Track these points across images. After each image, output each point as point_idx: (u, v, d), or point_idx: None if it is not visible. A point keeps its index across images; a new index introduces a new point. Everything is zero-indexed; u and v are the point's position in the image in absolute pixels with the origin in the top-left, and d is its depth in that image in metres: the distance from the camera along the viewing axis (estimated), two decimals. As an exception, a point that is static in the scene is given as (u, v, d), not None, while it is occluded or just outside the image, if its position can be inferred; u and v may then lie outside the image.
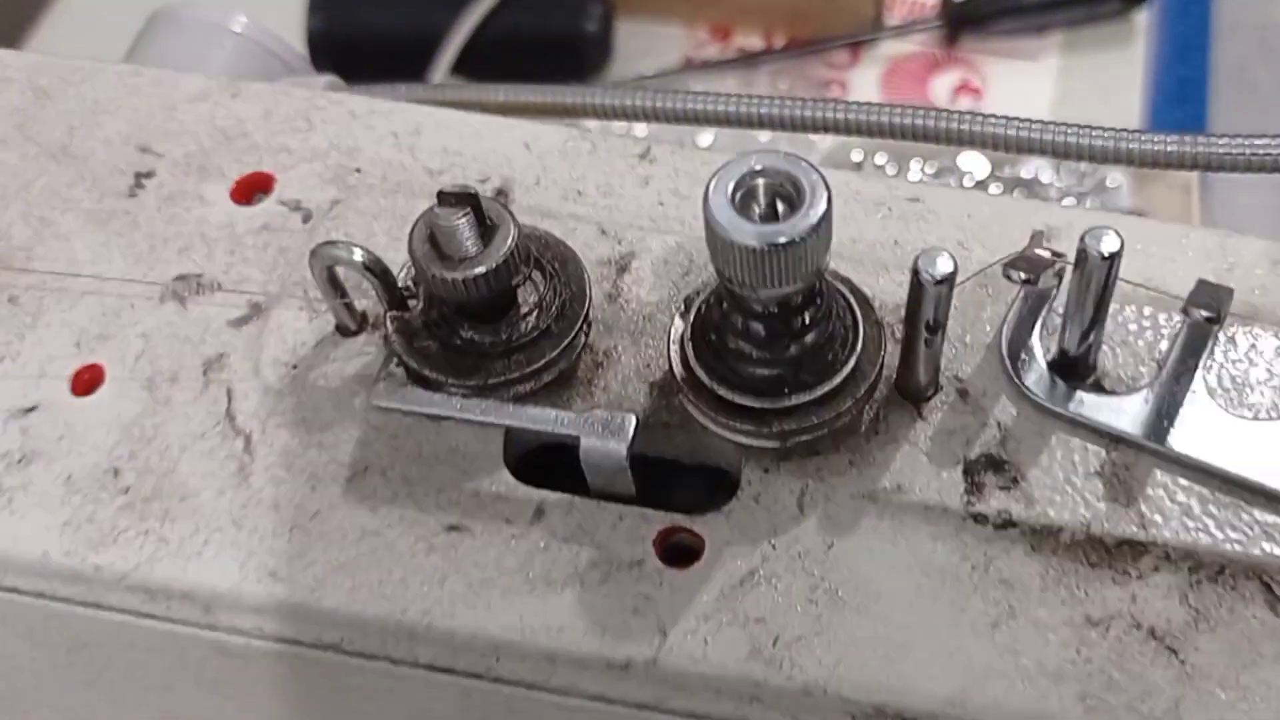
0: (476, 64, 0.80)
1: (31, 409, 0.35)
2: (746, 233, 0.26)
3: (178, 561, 0.32)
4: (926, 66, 0.82)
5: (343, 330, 0.35)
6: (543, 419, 0.31)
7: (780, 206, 0.27)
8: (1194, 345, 0.30)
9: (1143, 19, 0.82)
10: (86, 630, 0.34)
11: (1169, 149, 0.38)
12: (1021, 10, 0.82)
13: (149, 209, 0.39)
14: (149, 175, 0.40)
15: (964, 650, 0.29)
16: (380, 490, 0.33)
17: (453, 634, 0.31)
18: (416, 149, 0.40)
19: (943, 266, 0.28)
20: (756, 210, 0.27)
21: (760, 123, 0.51)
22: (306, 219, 0.38)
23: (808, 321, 0.29)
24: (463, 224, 0.30)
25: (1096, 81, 0.81)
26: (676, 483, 0.33)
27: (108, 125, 0.41)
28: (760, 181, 0.27)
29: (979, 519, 0.30)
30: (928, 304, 0.28)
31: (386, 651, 0.31)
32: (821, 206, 0.26)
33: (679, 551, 0.31)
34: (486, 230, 0.31)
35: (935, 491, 0.30)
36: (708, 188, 0.27)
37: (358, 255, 0.33)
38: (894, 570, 0.30)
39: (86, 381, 0.36)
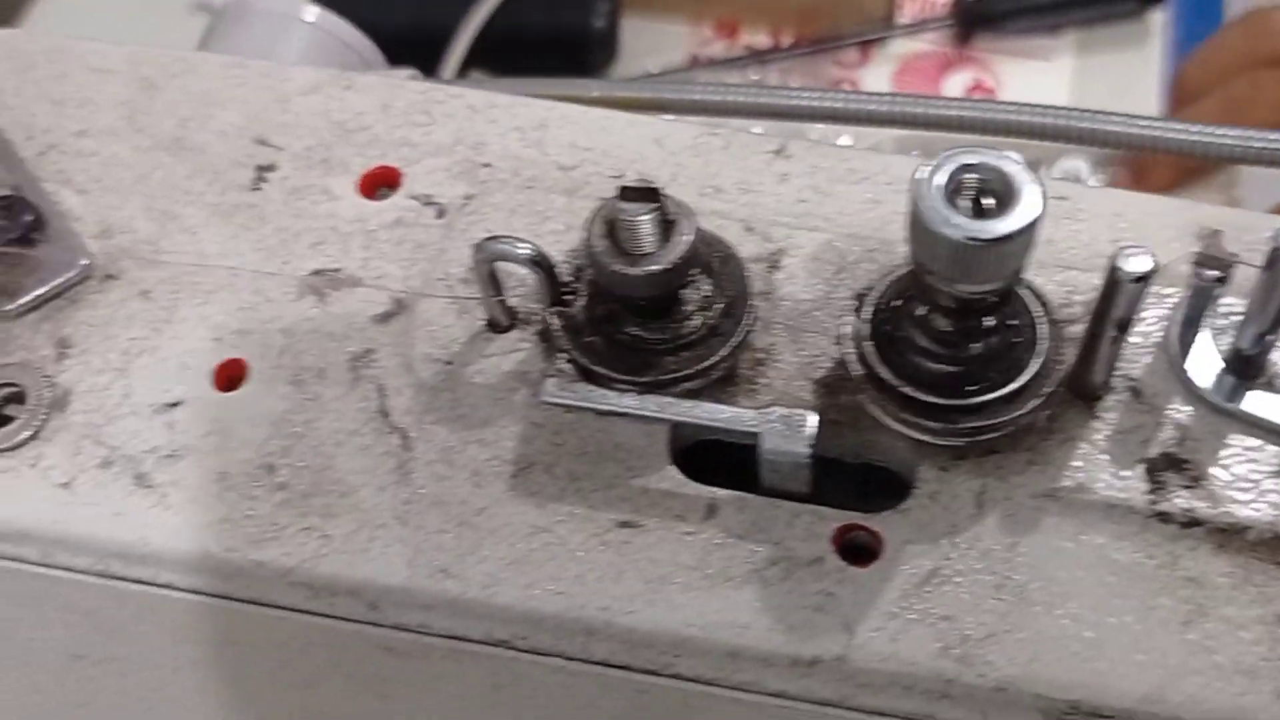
0: (481, 60, 0.79)
1: (175, 404, 0.35)
2: (960, 227, 0.26)
3: (344, 557, 0.32)
4: (938, 66, 0.81)
5: (494, 326, 0.35)
6: (724, 416, 0.30)
7: (986, 202, 0.27)
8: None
9: (1158, 19, 0.82)
10: (239, 627, 0.33)
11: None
12: (1035, 9, 0.82)
13: (275, 202, 0.38)
14: (270, 168, 0.39)
15: (1156, 648, 0.29)
16: (547, 487, 0.32)
17: (632, 630, 0.30)
18: (545, 144, 0.39)
19: (1142, 265, 0.27)
20: (964, 205, 0.26)
21: (842, 118, 0.51)
22: (440, 214, 0.38)
23: (997, 320, 0.29)
24: (648, 219, 0.30)
25: (1111, 81, 0.80)
26: (828, 481, 0.33)
27: (220, 117, 0.40)
28: (971, 177, 0.26)
29: (1163, 518, 0.30)
30: (1122, 302, 0.28)
31: (560, 648, 0.31)
32: (1036, 205, 0.26)
33: (856, 549, 0.31)
34: (665, 226, 0.30)
35: (1117, 490, 0.30)
36: (918, 180, 0.26)
37: (525, 250, 0.32)
38: (1080, 568, 0.30)
39: (229, 376, 0.35)
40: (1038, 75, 0.80)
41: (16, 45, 0.42)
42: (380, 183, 0.39)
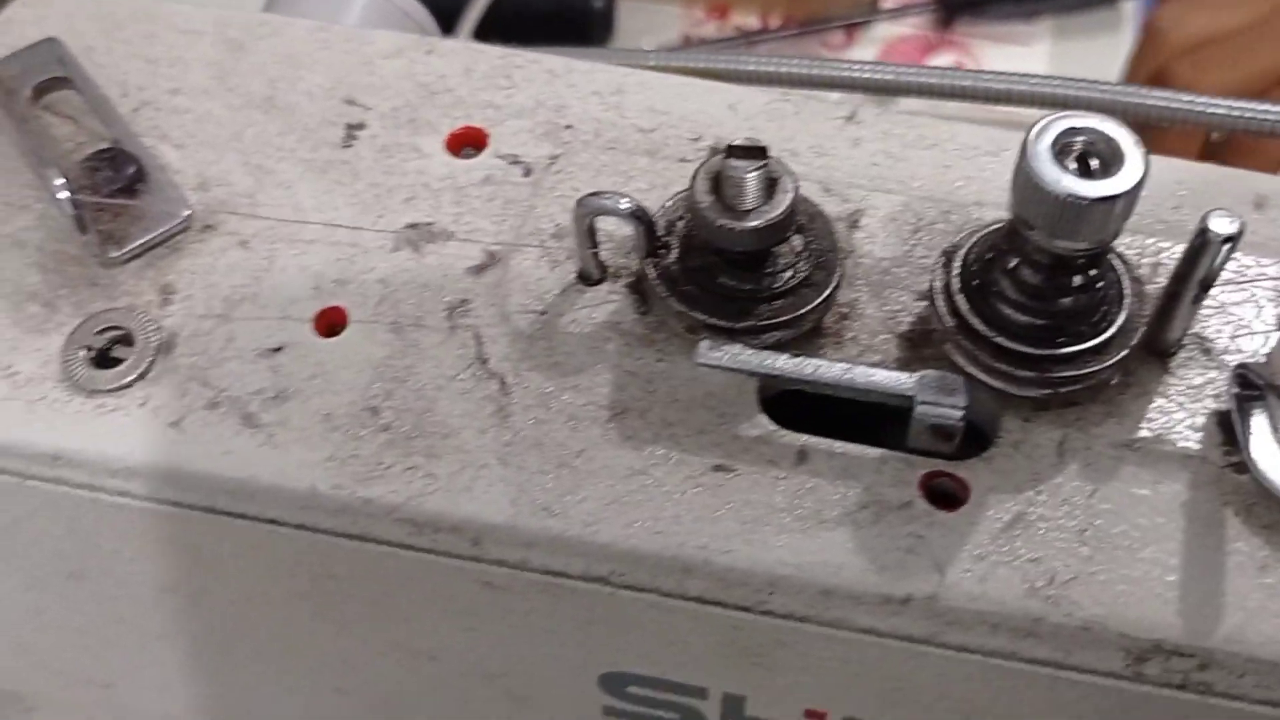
0: (486, 35, 0.80)
1: (278, 349, 0.36)
2: (1069, 186, 0.27)
3: (449, 495, 0.33)
4: (920, 49, 0.84)
5: (586, 279, 0.36)
6: (879, 379, 0.31)
7: (1092, 164, 0.28)
8: None
9: (1129, 7, 0.85)
10: (341, 562, 0.34)
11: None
12: (1014, -3, 0.85)
13: (366, 159, 0.39)
14: (360, 127, 0.40)
15: (1235, 591, 0.30)
16: (641, 431, 0.33)
17: (729, 569, 0.31)
18: (623, 108, 0.40)
19: (1229, 226, 0.29)
20: (1071, 166, 0.28)
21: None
22: (527, 173, 0.39)
23: (1087, 277, 0.30)
24: (755, 176, 0.31)
25: (1085, 66, 0.83)
26: (902, 430, 0.34)
27: (307, 78, 0.41)
28: (1077, 139, 0.28)
29: (1238, 468, 0.31)
30: (1207, 262, 0.29)
31: (656, 584, 0.32)
32: (1140, 168, 0.27)
33: (943, 495, 0.32)
34: (769, 183, 0.32)
35: (1193, 442, 0.32)
36: (1029, 140, 0.28)
37: (626, 205, 0.33)
38: (1159, 515, 0.31)
39: (330, 323, 0.36)
40: (1015, 59, 0.83)
41: (104, 7, 0.43)
42: (467, 142, 0.40)
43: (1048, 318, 0.31)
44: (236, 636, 0.39)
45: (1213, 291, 0.32)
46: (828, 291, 0.33)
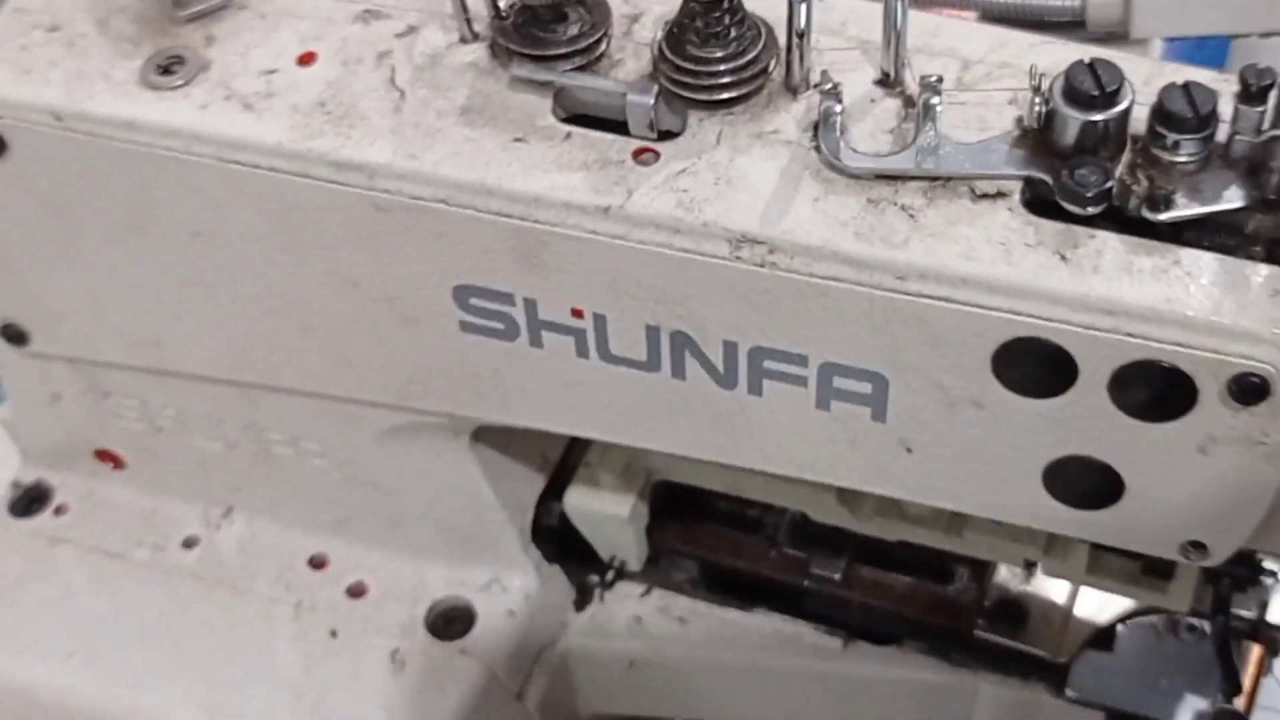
0: None
1: (273, 71, 0.57)
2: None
3: (359, 149, 0.54)
4: None
5: (464, 40, 0.56)
6: (611, 85, 0.51)
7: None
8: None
9: (1157, 44, 0.87)
10: (294, 195, 0.55)
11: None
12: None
13: (347, -22, 0.60)
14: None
15: (795, 208, 0.49)
16: (478, 120, 0.54)
17: (514, 191, 0.52)
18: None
19: (804, -7, 0.48)
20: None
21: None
22: (445, -11, 0.59)
23: (731, 22, 0.50)
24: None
25: None
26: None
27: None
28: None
29: (817, 149, 0.51)
30: (796, 16, 0.49)
31: (474, 203, 0.52)
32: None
33: (643, 152, 0.52)
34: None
35: (795, 137, 0.51)
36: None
37: (479, -16, 0.54)
38: (768, 172, 0.50)
39: (306, 60, 0.57)
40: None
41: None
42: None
43: (714, 50, 0.51)
44: (237, 277, 0.60)
45: (829, 59, 0.52)
46: (600, 34, 0.53)
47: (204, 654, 0.68)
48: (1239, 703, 0.63)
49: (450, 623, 0.68)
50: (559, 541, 0.70)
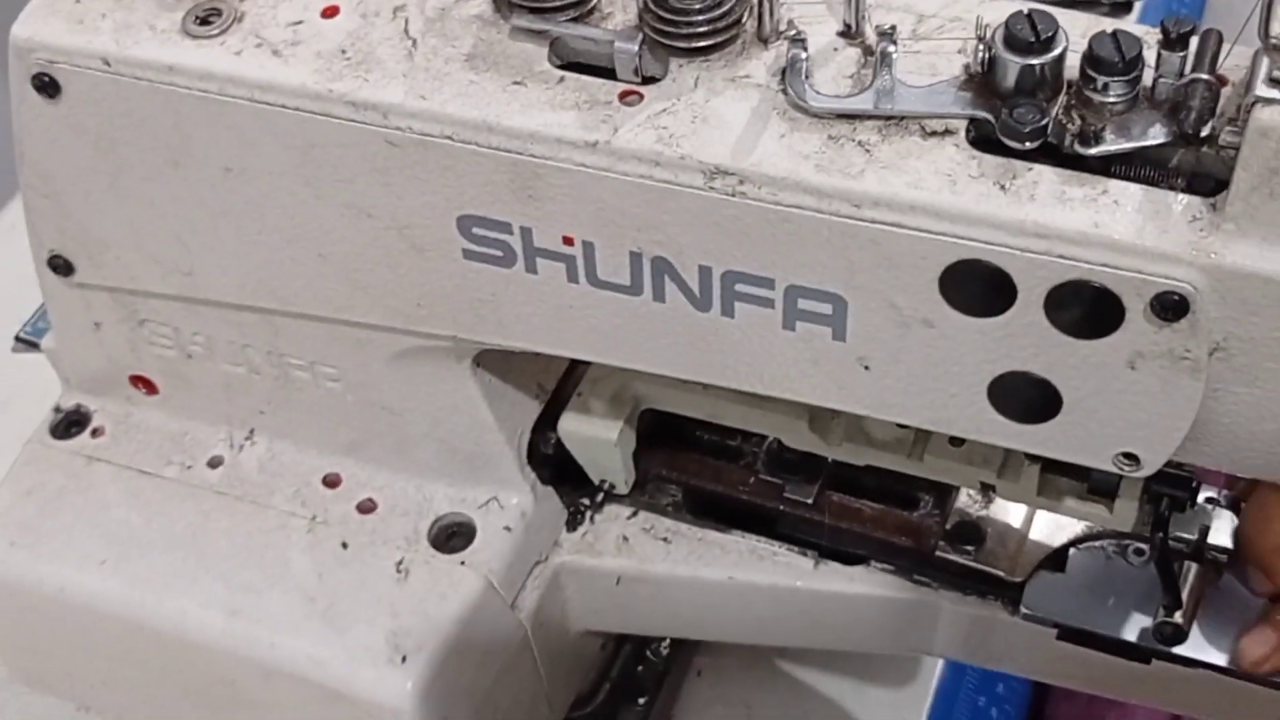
0: None
1: (299, 22, 0.61)
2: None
3: (375, 90, 0.58)
4: None
5: (469, -5, 0.61)
6: (600, 34, 0.56)
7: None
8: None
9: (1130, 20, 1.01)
10: (317, 132, 0.60)
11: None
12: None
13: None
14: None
15: (763, 141, 0.53)
16: (480, 65, 0.58)
17: (512, 128, 0.56)
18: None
19: (774, -52, 0.52)
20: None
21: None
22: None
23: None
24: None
25: None
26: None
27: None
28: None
29: (784, 92, 0.55)
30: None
31: (475, 139, 0.57)
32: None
33: (629, 94, 0.56)
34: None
35: (765, 80, 0.55)
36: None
37: (484, -58, 0.58)
38: (741, 113, 0.55)
39: (329, 13, 0.62)
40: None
41: None
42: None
43: (693, 3, 0.55)
44: (264, 210, 0.65)
45: (798, 12, 0.56)
46: (587, -7, 0.58)
47: (226, 561, 0.72)
48: (1179, 617, 0.67)
49: (451, 537, 0.72)
50: (553, 466, 0.75)
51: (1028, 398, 0.56)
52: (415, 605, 0.70)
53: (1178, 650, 0.68)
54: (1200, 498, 0.67)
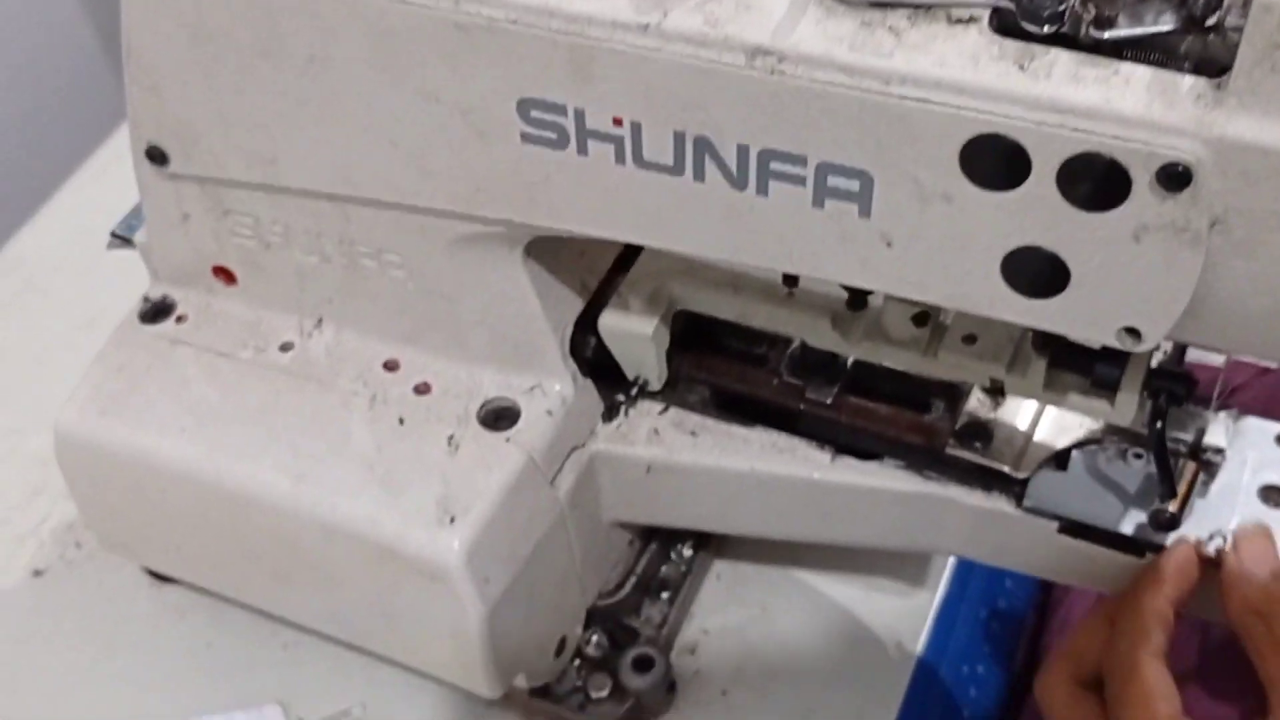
0: None
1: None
2: None
3: (445, -24, 0.58)
4: None
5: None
6: None
7: None
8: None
9: None
10: (392, 18, 0.60)
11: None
12: None
13: None
14: None
15: (826, 36, 0.53)
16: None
17: (574, 12, 0.56)
18: None
19: None
20: None
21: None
22: None
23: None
24: None
25: None
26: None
27: None
28: None
29: None
30: None
31: (538, 23, 0.57)
32: None
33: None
34: None
35: None
36: None
37: None
38: (782, 2, 0.55)
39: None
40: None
41: None
42: None
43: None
44: (342, 97, 0.65)
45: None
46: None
47: (293, 433, 0.72)
48: (1173, 506, 0.66)
49: (498, 418, 0.72)
50: (592, 362, 0.75)
51: (1038, 272, 0.55)
52: (463, 475, 0.70)
53: (1170, 541, 0.67)
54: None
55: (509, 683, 0.76)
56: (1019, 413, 0.72)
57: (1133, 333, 0.56)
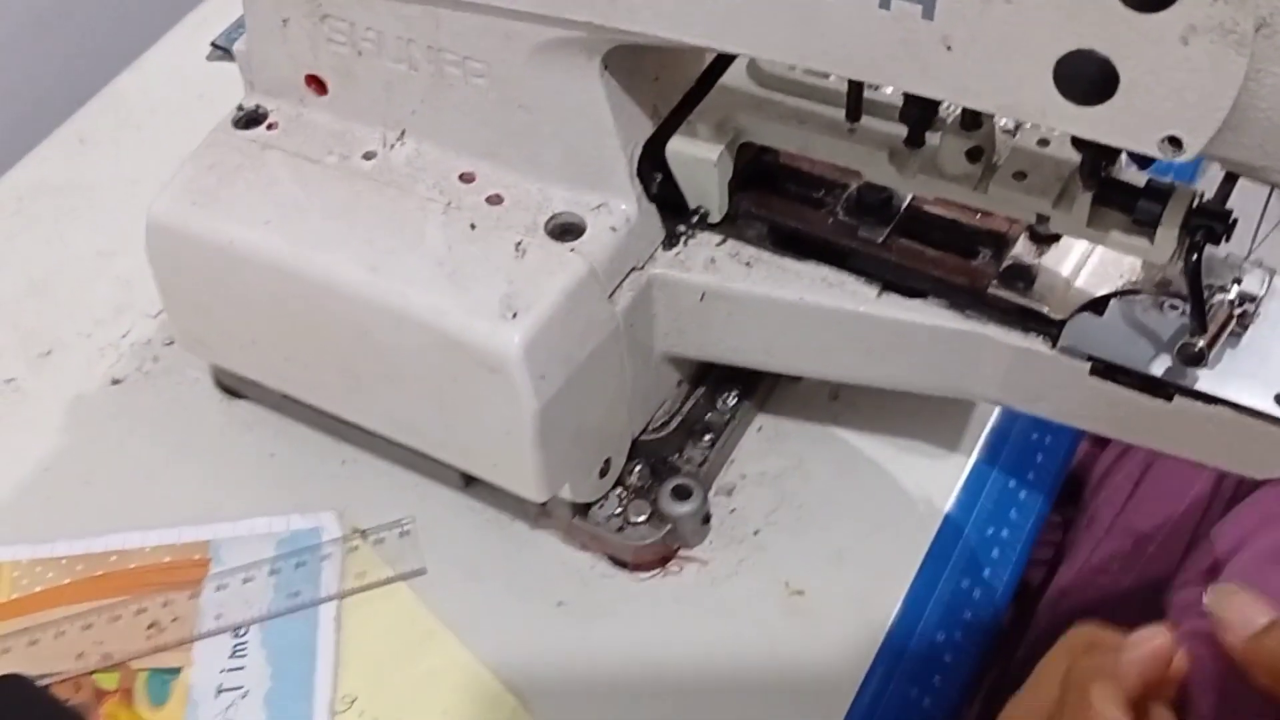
0: None
1: None
2: None
3: None
4: None
5: None
6: None
7: None
8: None
9: None
10: None
11: None
12: None
13: None
14: None
15: None
16: None
17: None
18: None
19: None
20: None
21: None
22: None
23: None
24: None
25: None
26: None
27: None
28: None
29: None
30: None
31: None
32: None
33: None
34: None
35: None
36: None
37: None
38: None
39: None
40: None
41: None
42: None
43: None
44: None
45: None
46: None
47: (371, 230, 0.77)
48: (1202, 342, 0.68)
49: (565, 231, 0.76)
50: (658, 197, 0.79)
51: (1089, 77, 0.58)
52: (528, 277, 0.74)
53: (1199, 386, 0.69)
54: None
55: (555, 489, 0.80)
56: (1063, 260, 0.75)
57: (1175, 142, 0.59)
